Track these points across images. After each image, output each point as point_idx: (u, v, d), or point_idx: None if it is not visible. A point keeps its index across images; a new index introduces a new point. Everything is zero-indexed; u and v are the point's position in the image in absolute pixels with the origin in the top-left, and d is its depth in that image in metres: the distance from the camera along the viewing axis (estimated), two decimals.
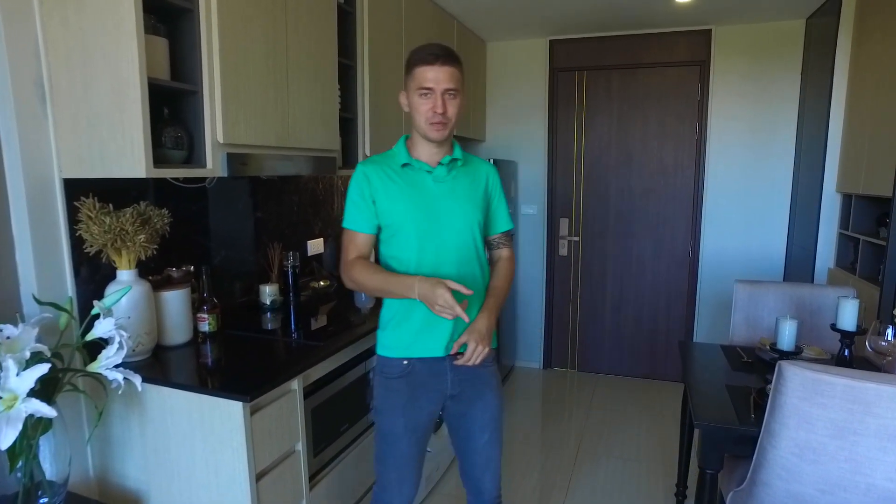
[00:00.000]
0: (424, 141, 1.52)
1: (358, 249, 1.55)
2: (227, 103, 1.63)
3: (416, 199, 1.52)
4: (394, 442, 1.57)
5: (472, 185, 1.59)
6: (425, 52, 1.45)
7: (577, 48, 3.81)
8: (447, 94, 1.44)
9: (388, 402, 1.58)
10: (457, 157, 1.57)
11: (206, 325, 1.89)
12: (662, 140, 3.72)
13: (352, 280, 1.53)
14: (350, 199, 1.54)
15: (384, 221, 1.53)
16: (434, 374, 1.56)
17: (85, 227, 1.54)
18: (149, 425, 1.55)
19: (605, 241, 3.95)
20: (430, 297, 1.36)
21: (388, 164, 1.55)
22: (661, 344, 3.90)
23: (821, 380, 1.30)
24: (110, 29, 1.41)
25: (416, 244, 1.51)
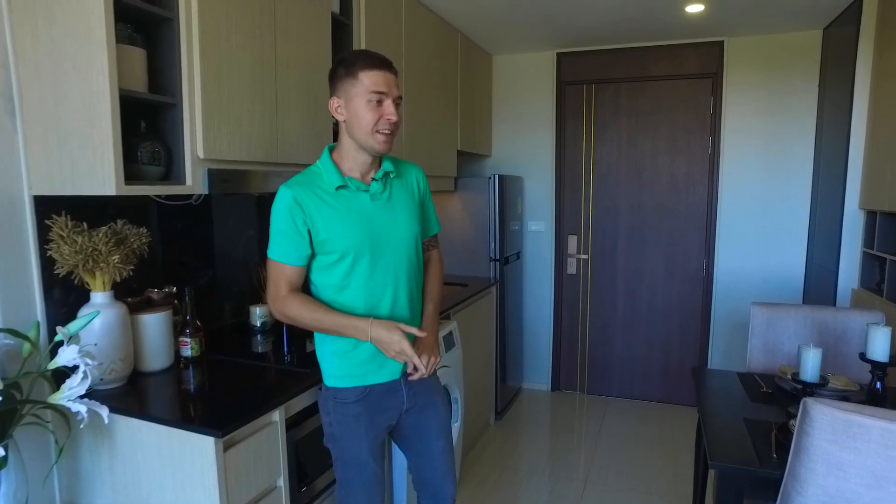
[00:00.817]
0: (359, 153, 1.42)
1: (288, 282, 1.43)
2: (207, 116, 1.54)
3: (358, 223, 1.42)
4: (361, 467, 1.52)
5: (407, 195, 1.54)
6: (373, 57, 1.37)
7: (585, 61, 3.71)
8: (397, 101, 1.39)
9: (348, 428, 1.50)
10: (389, 171, 1.49)
11: (188, 350, 1.78)
12: (673, 155, 3.60)
13: (286, 316, 1.43)
14: (277, 228, 1.40)
15: (323, 250, 1.42)
16: (391, 392, 1.54)
17: (56, 246, 1.46)
18: (118, 459, 1.45)
19: (615, 259, 3.82)
20: (387, 342, 1.37)
21: (317, 186, 1.41)
22: (675, 366, 3.74)
23: (853, 421, 1.16)
24: (80, 38, 1.33)
25: (364, 271, 1.44)
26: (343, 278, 1.44)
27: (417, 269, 1.57)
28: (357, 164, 1.44)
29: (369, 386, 1.50)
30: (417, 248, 1.55)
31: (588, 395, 3.98)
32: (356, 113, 1.37)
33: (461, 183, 3.44)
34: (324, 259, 1.43)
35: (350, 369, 1.49)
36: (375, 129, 1.37)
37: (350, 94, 1.37)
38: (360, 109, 1.36)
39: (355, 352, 1.48)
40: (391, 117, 1.36)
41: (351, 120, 1.38)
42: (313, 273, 1.47)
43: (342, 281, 1.44)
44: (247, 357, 1.88)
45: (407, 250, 1.50)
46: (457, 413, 2.56)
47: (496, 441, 3.28)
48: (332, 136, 2.12)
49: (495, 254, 3.41)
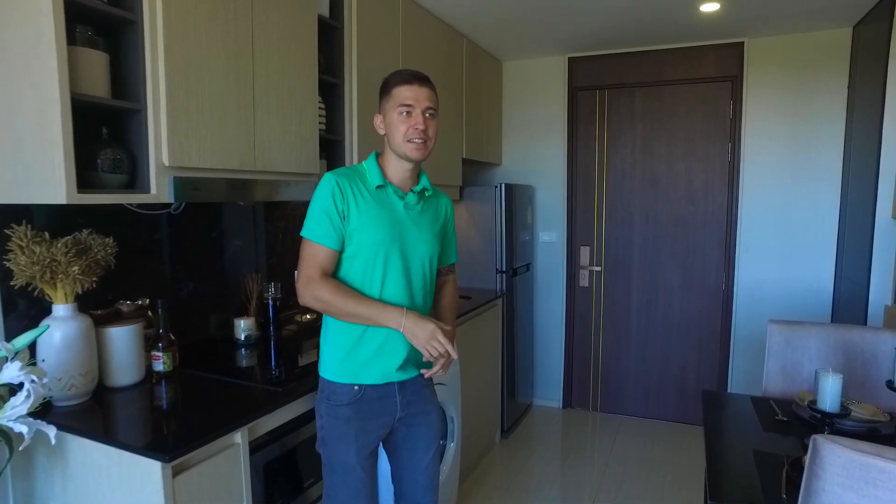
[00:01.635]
0: (399, 162, 1.51)
1: (321, 266, 1.44)
2: (173, 123, 1.48)
3: (389, 223, 1.48)
4: (346, 473, 1.50)
5: (435, 217, 1.61)
6: (404, 74, 1.49)
7: (598, 66, 3.58)
8: (427, 112, 1.46)
9: (337, 432, 1.50)
10: (426, 188, 1.57)
11: (160, 365, 1.71)
12: (691, 162, 3.43)
13: (317, 299, 1.43)
14: (317, 210, 1.44)
15: (353, 240, 1.46)
16: (384, 398, 1.53)
17: (13, 256, 1.41)
18: (70, 481, 1.38)
19: (629, 272, 3.65)
20: (421, 334, 1.40)
21: (359, 181, 1.49)
22: (692, 386, 3.55)
23: (872, 465, 1.01)
24: (31, 41, 1.28)
25: (382, 270, 1.48)
26: (362, 271, 1.47)
27: (430, 287, 1.61)
28: (397, 173, 1.52)
29: (363, 386, 1.49)
30: (433, 268, 1.60)
31: (600, 413, 3.81)
32: (390, 125, 1.48)
33: (467, 192, 3.33)
34: (349, 250, 1.47)
35: (351, 364, 1.49)
36: (406, 139, 1.45)
37: (385, 109, 1.49)
38: (393, 122, 1.47)
39: (362, 348, 1.49)
40: (418, 126, 1.44)
41: (388, 132, 1.49)
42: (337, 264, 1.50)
43: (361, 274, 1.47)
44: (225, 372, 1.80)
45: (423, 265, 1.56)
46: (453, 432, 2.44)
47: (501, 460, 3.15)
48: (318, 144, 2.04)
49: (502, 265, 3.28)
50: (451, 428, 2.42)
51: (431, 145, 1.49)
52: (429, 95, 1.47)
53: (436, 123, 1.49)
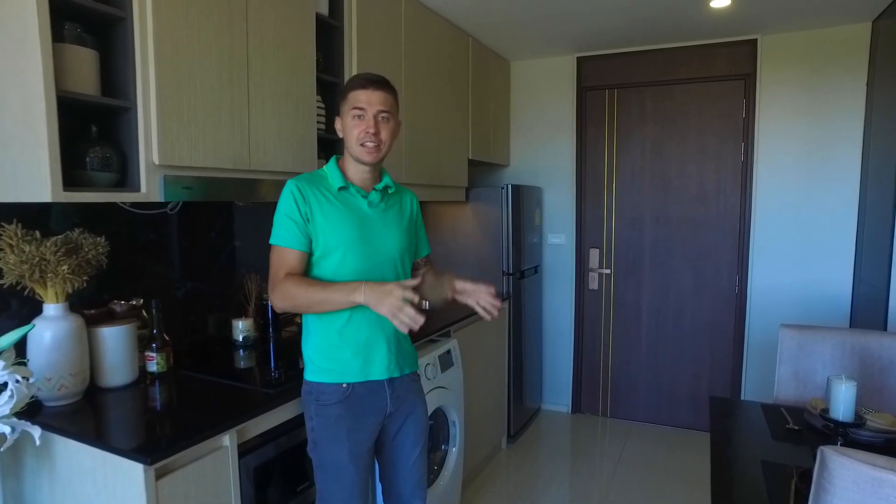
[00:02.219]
0: (356, 164, 1.53)
1: (289, 268, 1.46)
2: (164, 120, 1.46)
3: (354, 222, 1.51)
4: (339, 472, 1.50)
5: (401, 213, 1.64)
6: (359, 78, 1.51)
7: (607, 65, 3.52)
8: (380, 115, 1.48)
9: (328, 432, 1.49)
10: (389, 185, 1.60)
11: (154, 365, 1.70)
12: (702, 162, 3.35)
13: (284, 294, 1.43)
14: (281, 215, 1.47)
15: (319, 242, 1.48)
16: (373, 394, 1.53)
17: (3, 255, 1.40)
18: (57, 482, 1.36)
19: (639, 275, 3.58)
20: (383, 299, 1.32)
21: (321, 185, 1.52)
22: (704, 392, 3.46)
23: (885, 481, 0.94)
24: (17, 37, 1.27)
25: (352, 268, 1.49)
26: (333, 272, 1.49)
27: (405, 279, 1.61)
28: (357, 175, 1.55)
29: (351, 385, 1.50)
30: (404, 262, 1.62)
31: (610, 418, 3.73)
32: (345, 128, 1.51)
33: (473, 193, 3.29)
34: (318, 252, 1.49)
35: (332, 364, 1.50)
36: (359, 142, 1.48)
37: (342, 113, 1.53)
38: (347, 125, 1.50)
39: (346, 346, 1.50)
40: (370, 129, 1.46)
41: (344, 135, 1.52)
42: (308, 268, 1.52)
43: (332, 275, 1.48)
44: (220, 374, 1.78)
45: (393, 260, 1.57)
46: (455, 437, 2.40)
47: (506, 466, 3.09)
48: (316, 142, 2.02)
49: (508, 268, 3.23)
50: (452, 433, 2.38)
51: (385, 148, 1.51)
52: (382, 99, 1.48)
53: (390, 126, 1.51)
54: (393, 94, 1.52)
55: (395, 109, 1.52)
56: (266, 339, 2.17)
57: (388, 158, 1.96)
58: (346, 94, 1.51)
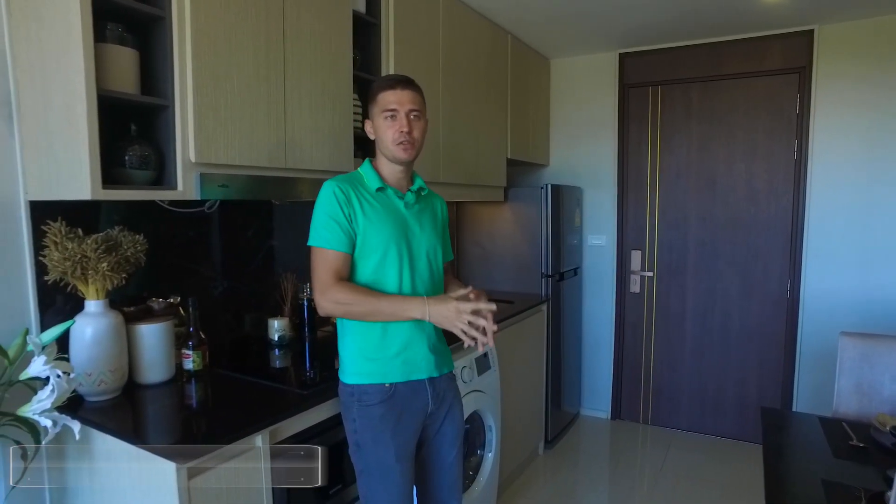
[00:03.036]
0: (391, 165, 1.53)
1: (335, 271, 1.43)
2: (201, 119, 1.46)
3: (394, 223, 1.51)
4: (386, 474, 1.47)
5: (433, 215, 1.64)
6: (387, 79, 1.52)
7: (651, 61, 3.40)
8: (411, 114, 1.48)
9: (373, 433, 1.47)
10: (422, 187, 1.61)
11: (190, 363, 1.70)
12: (751, 161, 3.20)
13: (337, 302, 1.41)
14: (322, 217, 1.45)
15: (360, 243, 1.46)
16: (415, 393, 1.52)
17: (48, 252, 1.42)
18: (97, 476, 1.38)
19: (683, 278, 3.44)
20: (449, 315, 1.36)
21: (359, 186, 1.51)
22: (752, 401, 3.30)
23: None
24: (62, 38, 1.28)
25: (396, 269, 1.48)
26: (374, 273, 1.47)
27: (439, 280, 1.62)
28: (392, 175, 1.55)
29: (393, 385, 1.48)
30: (439, 262, 1.63)
31: (651, 426, 3.60)
32: (378, 130, 1.51)
33: (512, 193, 3.23)
34: (359, 253, 1.47)
35: (374, 365, 1.48)
36: (394, 142, 1.48)
37: (373, 115, 1.53)
38: (380, 127, 1.50)
39: (387, 348, 1.48)
40: (403, 129, 1.47)
41: (377, 136, 1.52)
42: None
43: (373, 276, 1.47)
44: (255, 373, 1.78)
45: (430, 259, 1.58)
46: (491, 442, 2.34)
47: (543, 472, 3.02)
48: (353, 141, 2.00)
49: (547, 269, 3.16)
50: (488, 437, 2.32)
51: (418, 146, 1.52)
52: (412, 98, 1.49)
53: (421, 124, 1.52)
54: (420, 93, 1.53)
55: (423, 108, 1.53)
56: (301, 338, 2.17)
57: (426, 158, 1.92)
58: (374, 96, 1.51)
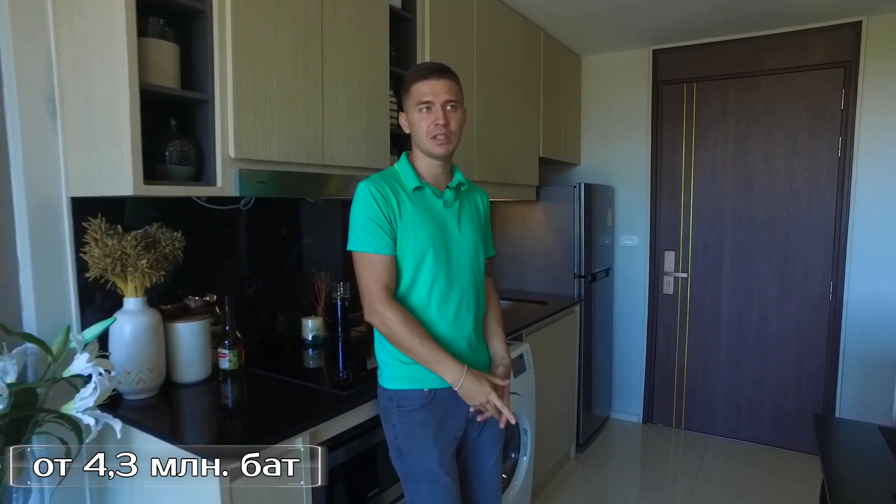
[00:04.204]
0: (428, 160, 1.47)
1: (383, 279, 1.38)
2: (240, 113, 1.44)
3: (433, 224, 1.44)
4: (433, 481, 1.42)
5: (474, 211, 1.57)
6: (421, 69, 1.44)
7: (686, 57, 3.32)
8: (447, 105, 1.40)
9: (415, 439, 1.43)
10: (462, 182, 1.53)
11: (226, 363, 1.68)
12: (792, 159, 3.10)
13: (383, 323, 1.37)
14: (361, 219, 1.39)
15: (399, 246, 1.41)
16: (455, 398, 1.43)
17: (89, 249, 1.41)
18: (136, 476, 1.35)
19: (719, 279, 3.35)
20: (476, 397, 1.36)
21: (396, 184, 1.44)
22: (792, 407, 3.19)
23: None
24: (106, 32, 1.27)
25: (431, 271, 1.42)
26: (413, 276, 1.42)
27: (481, 282, 1.56)
28: (430, 171, 1.48)
29: (432, 390, 1.43)
30: (480, 262, 1.56)
31: (685, 430, 3.51)
32: (413, 123, 1.44)
33: (544, 192, 3.18)
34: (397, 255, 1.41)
35: (412, 370, 1.42)
36: (429, 135, 1.41)
37: (407, 107, 1.45)
38: (415, 120, 1.43)
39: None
40: (439, 121, 1.39)
41: (412, 130, 1.45)
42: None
43: (412, 279, 1.42)
44: (290, 373, 1.76)
45: (471, 260, 1.51)
46: (526, 445, 2.29)
47: (576, 476, 2.96)
48: (389, 137, 1.97)
49: (580, 270, 3.10)
50: (523, 440, 2.27)
51: (455, 139, 1.44)
52: (448, 87, 1.40)
53: (458, 115, 1.43)
54: (457, 82, 1.44)
55: (460, 97, 1.44)
56: (335, 338, 2.14)
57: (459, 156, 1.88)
58: (408, 87, 1.43)
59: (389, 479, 1.65)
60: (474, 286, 1.51)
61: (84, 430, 1.26)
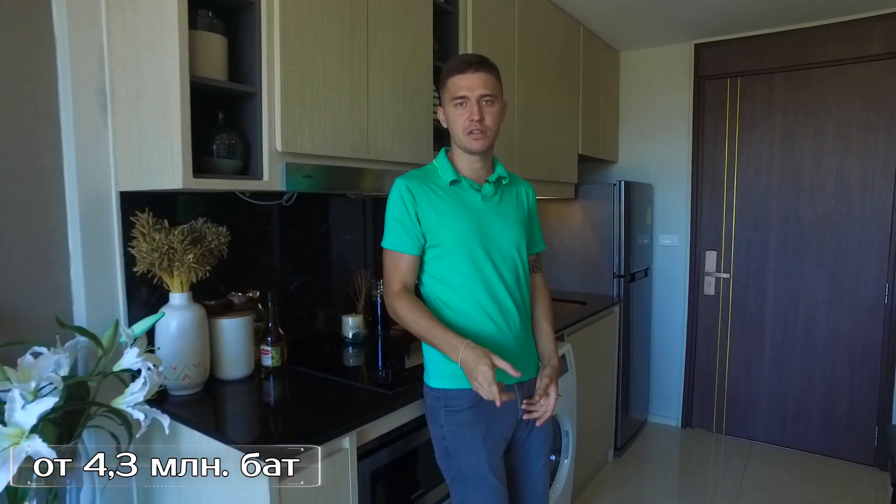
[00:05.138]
0: (466, 155, 1.44)
1: (402, 275, 1.40)
2: (287, 106, 1.42)
3: (468, 217, 1.41)
4: (482, 483, 1.39)
5: (517, 204, 1.53)
6: (458, 61, 1.40)
7: (730, 50, 3.22)
8: (483, 100, 1.37)
9: (463, 440, 1.39)
10: (503, 176, 1.49)
11: (268, 360, 1.67)
12: (844, 156, 2.97)
13: (395, 315, 1.40)
14: (390, 218, 1.40)
15: (432, 241, 1.40)
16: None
17: (137, 243, 1.41)
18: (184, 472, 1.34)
19: (763, 280, 3.24)
20: (472, 369, 1.24)
21: (431, 181, 1.43)
22: (843, 413, 3.06)
23: None
24: (157, 25, 1.27)
25: (468, 267, 1.39)
26: (449, 271, 1.40)
27: (524, 278, 1.51)
28: (468, 166, 1.45)
29: None
30: (523, 257, 1.51)
31: (726, 435, 3.41)
32: (449, 118, 1.42)
33: (583, 190, 3.11)
34: (433, 251, 1.41)
35: (458, 369, 1.36)
36: (465, 131, 1.38)
37: (444, 102, 1.43)
38: (451, 115, 1.40)
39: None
40: (474, 117, 1.36)
41: (448, 125, 1.43)
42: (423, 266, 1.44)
43: (449, 275, 1.40)
44: (332, 371, 1.73)
45: (513, 256, 1.47)
46: (567, 448, 2.24)
47: (614, 481, 2.88)
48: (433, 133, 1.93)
49: (619, 269, 3.02)
50: (565, 443, 2.22)
51: (492, 134, 1.41)
52: (484, 81, 1.36)
53: (495, 110, 1.39)
54: (495, 74, 1.40)
55: (498, 90, 1.40)
56: (374, 336, 2.12)
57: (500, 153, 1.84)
58: (444, 81, 1.41)
59: (431, 481, 1.61)
60: (516, 280, 1.47)
61: (134, 425, 1.26)
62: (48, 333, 1.26)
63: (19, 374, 1.11)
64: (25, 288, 1.36)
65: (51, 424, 1.18)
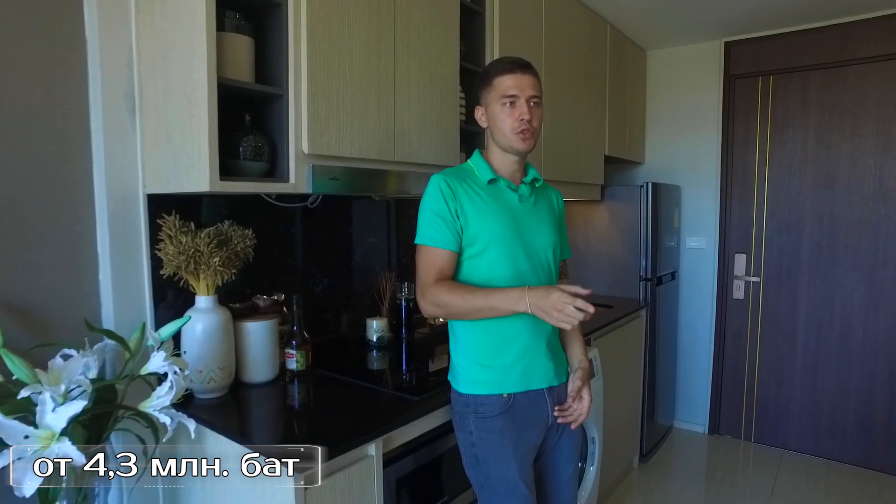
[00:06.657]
0: (506, 156, 1.43)
1: (439, 271, 1.35)
2: (314, 108, 1.41)
3: (507, 217, 1.40)
4: (511, 491, 1.37)
5: (550, 208, 1.53)
6: (506, 62, 1.41)
7: (761, 48, 3.13)
8: (531, 101, 1.37)
9: (493, 447, 1.37)
10: (536, 178, 1.49)
11: (293, 363, 1.66)
12: (883, 156, 2.87)
13: (436, 304, 1.34)
14: (428, 213, 1.37)
15: (468, 240, 1.37)
16: (535, 404, 1.41)
17: (163, 246, 1.41)
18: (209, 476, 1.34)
19: (795, 284, 3.14)
20: (546, 304, 1.21)
21: (469, 180, 1.41)
22: (882, 423, 2.95)
23: None
24: (185, 27, 1.26)
25: (507, 265, 1.37)
26: (488, 271, 1.38)
27: (555, 281, 1.50)
28: (505, 167, 1.45)
29: (511, 395, 1.38)
30: (556, 258, 1.51)
31: (755, 443, 3.32)
32: (495, 118, 1.40)
33: (609, 192, 3.06)
34: (470, 250, 1.38)
35: (490, 374, 1.38)
36: (513, 131, 1.37)
37: (488, 101, 1.42)
38: (497, 114, 1.38)
39: (505, 355, 1.38)
40: (524, 116, 1.36)
41: (492, 125, 1.42)
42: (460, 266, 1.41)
43: (487, 274, 1.38)
44: (356, 375, 1.71)
45: (548, 257, 1.46)
46: (593, 454, 2.19)
47: (639, 488, 2.83)
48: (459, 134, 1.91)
49: (646, 272, 2.97)
50: (591, 449, 2.17)
51: (537, 135, 1.41)
52: (532, 83, 1.38)
53: (540, 112, 1.41)
54: (539, 78, 1.42)
55: (542, 94, 1.42)
56: (399, 339, 2.10)
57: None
58: (489, 80, 1.40)
59: (455, 489, 1.59)
60: (549, 282, 1.45)
61: (160, 429, 1.26)
62: (77, 335, 1.27)
63: (50, 376, 1.11)
64: (54, 290, 1.36)
65: (80, 427, 1.18)
